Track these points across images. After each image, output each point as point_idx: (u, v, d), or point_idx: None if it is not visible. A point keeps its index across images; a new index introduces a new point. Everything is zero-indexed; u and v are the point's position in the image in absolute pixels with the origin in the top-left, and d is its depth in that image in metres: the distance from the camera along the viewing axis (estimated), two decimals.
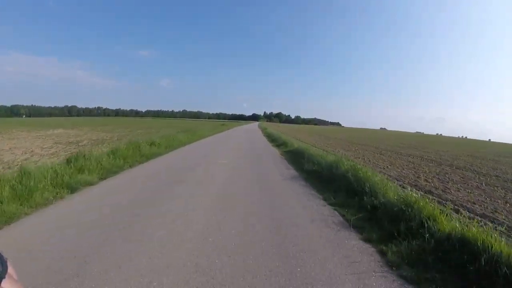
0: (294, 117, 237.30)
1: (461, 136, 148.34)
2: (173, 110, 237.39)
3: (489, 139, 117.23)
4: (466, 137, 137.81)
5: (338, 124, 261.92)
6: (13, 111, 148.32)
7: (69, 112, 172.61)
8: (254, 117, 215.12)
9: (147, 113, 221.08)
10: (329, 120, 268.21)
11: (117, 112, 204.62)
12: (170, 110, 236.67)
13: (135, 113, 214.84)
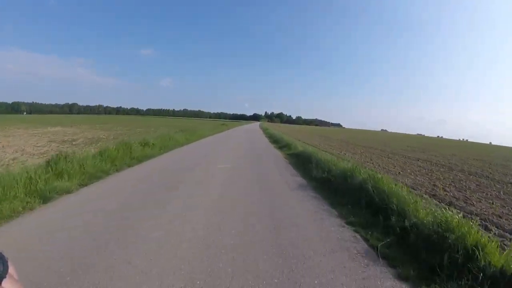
0: (295, 118, 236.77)
1: (462, 139, 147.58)
2: (174, 109, 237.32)
3: (490, 142, 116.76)
4: (467, 140, 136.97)
5: (339, 125, 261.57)
6: (14, 108, 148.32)
7: (70, 110, 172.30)
8: (255, 117, 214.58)
9: (148, 112, 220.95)
10: (330, 121, 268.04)
11: (118, 110, 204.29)
12: (171, 109, 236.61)
13: (136, 112, 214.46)
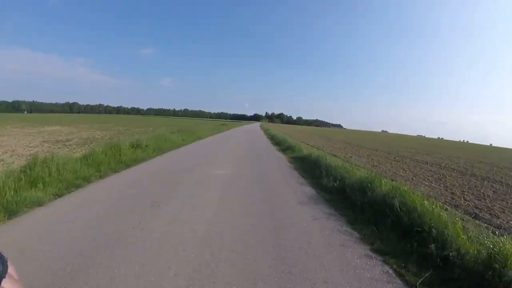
0: (296, 118, 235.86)
1: (462, 140, 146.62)
2: (175, 109, 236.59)
3: (490, 144, 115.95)
4: (467, 141, 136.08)
5: (340, 126, 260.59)
6: (14, 107, 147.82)
7: (70, 109, 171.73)
8: (256, 118, 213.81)
9: (149, 111, 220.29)
10: (331, 122, 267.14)
11: (119, 110, 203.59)
12: (172, 109, 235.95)
13: (137, 111, 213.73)
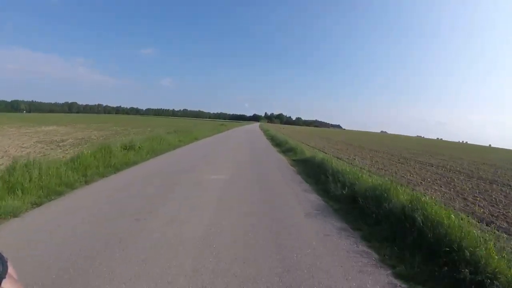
0: (295, 119, 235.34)
1: (462, 141, 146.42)
2: (174, 109, 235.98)
3: (489, 144, 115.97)
4: (467, 142, 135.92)
5: (339, 127, 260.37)
6: (13, 107, 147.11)
7: (70, 109, 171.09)
8: (255, 118, 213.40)
9: (148, 112, 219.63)
10: (330, 122, 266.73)
11: (118, 110, 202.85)
12: (171, 109, 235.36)
13: (136, 111, 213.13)
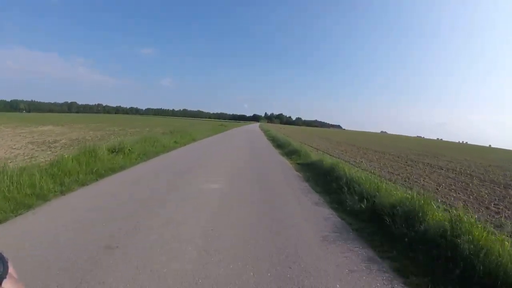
0: (295, 119, 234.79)
1: (462, 141, 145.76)
2: (174, 109, 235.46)
3: (490, 145, 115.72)
4: (467, 142, 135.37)
5: (339, 127, 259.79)
6: (13, 106, 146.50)
7: (69, 109, 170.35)
8: (255, 118, 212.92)
9: (148, 111, 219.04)
10: (330, 122, 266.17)
11: (118, 110, 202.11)
12: (171, 109, 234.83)
13: (136, 111, 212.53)
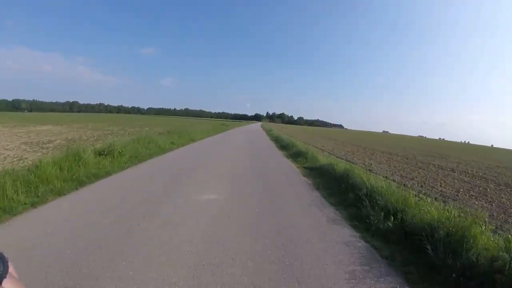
0: (297, 118, 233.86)
1: (464, 141, 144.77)
2: (175, 109, 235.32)
3: (492, 145, 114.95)
4: (469, 142, 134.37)
5: (341, 126, 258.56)
6: (15, 106, 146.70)
7: (71, 108, 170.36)
8: (257, 117, 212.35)
9: (149, 111, 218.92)
10: (331, 122, 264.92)
11: (119, 109, 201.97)
12: (172, 109, 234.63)
13: (137, 111, 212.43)
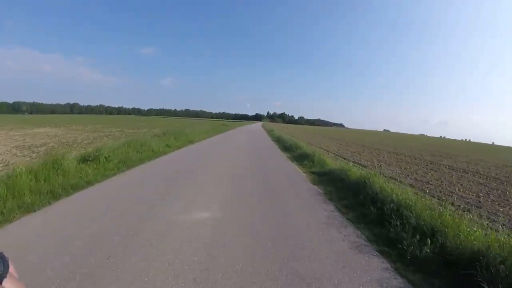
0: (298, 118, 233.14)
1: (465, 139, 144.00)
2: (176, 109, 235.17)
3: (493, 142, 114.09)
4: (470, 140, 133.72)
5: (342, 125, 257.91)
6: (15, 108, 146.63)
7: (71, 110, 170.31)
8: (257, 117, 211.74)
9: (150, 112, 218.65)
10: (332, 121, 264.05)
11: (120, 110, 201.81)
12: (173, 109, 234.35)
13: (138, 112, 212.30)
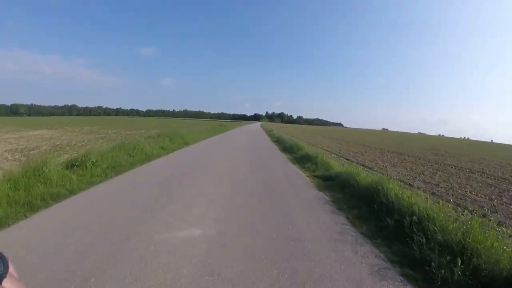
0: (296, 117, 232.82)
1: (463, 137, 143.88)
2: (174, 110, 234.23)
3: (491, 140, 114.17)
4: (469, 138, 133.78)
5: (340, 125, 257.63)
6: (13, 110, 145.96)
7: (69, 112, 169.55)
8: (256, 117, 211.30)
9: (148, 113, 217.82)
10: (331, 121, 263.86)
11: (118, 112, 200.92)
12: (171, 110, 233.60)
13: (136, 113, 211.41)
